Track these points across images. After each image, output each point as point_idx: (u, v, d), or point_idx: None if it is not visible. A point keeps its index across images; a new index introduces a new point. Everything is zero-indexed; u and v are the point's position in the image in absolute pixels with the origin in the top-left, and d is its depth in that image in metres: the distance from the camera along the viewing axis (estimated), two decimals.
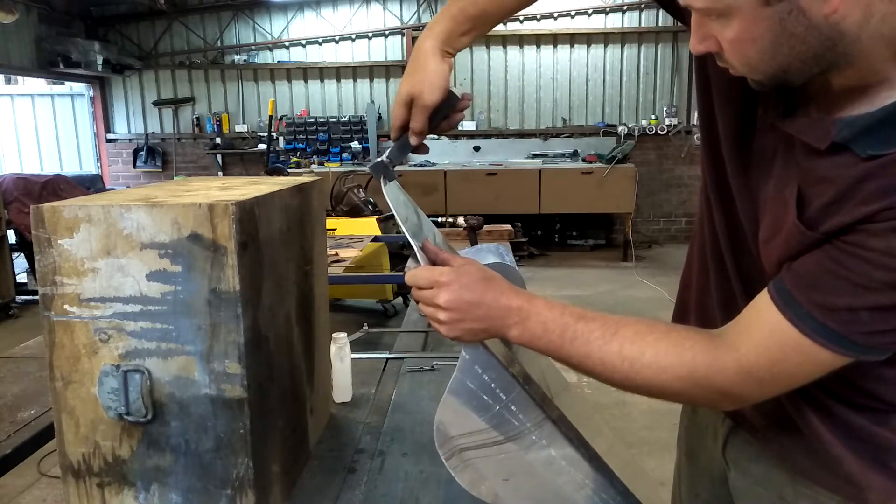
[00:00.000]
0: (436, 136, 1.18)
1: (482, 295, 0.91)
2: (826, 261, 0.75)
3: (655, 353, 0.85)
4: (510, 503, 1.00)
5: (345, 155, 8.27)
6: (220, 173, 8.69)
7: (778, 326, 0.77)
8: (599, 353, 0.87)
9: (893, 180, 0.70)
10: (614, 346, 0.86)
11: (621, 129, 8.26)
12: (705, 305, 1.04)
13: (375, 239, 3.25)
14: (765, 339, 0.79)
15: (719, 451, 1.09)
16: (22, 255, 6.18)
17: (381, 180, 1.06)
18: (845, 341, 0.74)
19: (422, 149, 1.11)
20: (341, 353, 1.57)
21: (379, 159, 1.06)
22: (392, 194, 1.05)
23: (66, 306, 0.96)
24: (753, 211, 0.87)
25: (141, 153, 8.78)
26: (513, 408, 0.99)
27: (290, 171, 7.25)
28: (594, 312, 0.91)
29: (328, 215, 4.06)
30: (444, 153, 8.11)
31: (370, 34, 8.46)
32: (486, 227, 4.92)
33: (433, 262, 0.98)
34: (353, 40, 8.50)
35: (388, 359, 1.91)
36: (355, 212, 4.20)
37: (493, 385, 0.97)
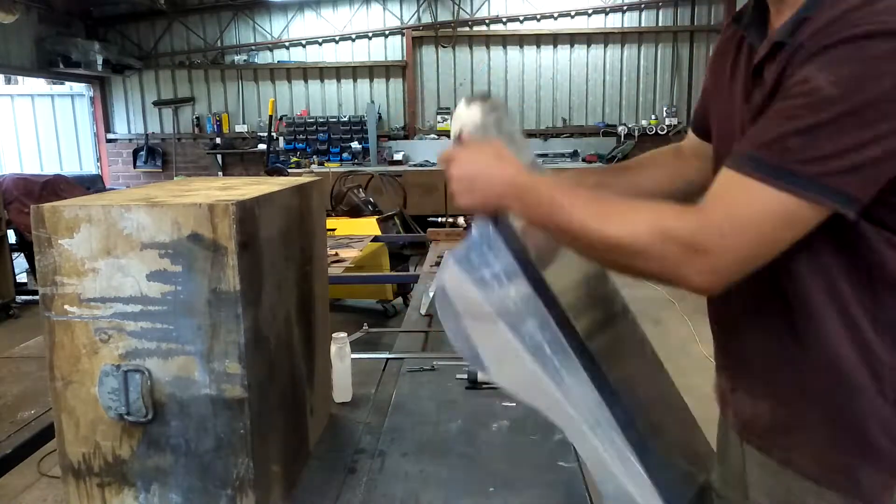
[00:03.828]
0: None
1: (487, 167, 0.94)
2: (763, 116, 0.81)
3: (631, 206, 0.88)
4: (495, 377, 1.00)
5: (345, 155, 8.28)
6: (221, 173, 8.69)
7: (727, 177, 0.82)
8: (579, 215, 0.87)
9: (824, 20, 0.77)
10: (593, 209, 0.88)
11: (621, 129, 8.27)
12: None
13: (375, 239, 3.25)
14: (717, 190, 0.83)
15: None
16: (22, 255, 6.18)
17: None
18: (783, 172, 0.77)
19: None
20: (341, 353, 1.57)
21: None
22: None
23: (66, 306, 0.96)
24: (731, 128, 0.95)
25: (141, 153, 8.78)
26: (514, 296, 0.94)
27: (290, 171, 7.26)
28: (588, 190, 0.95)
29: (328, 215, 4.06)
30: None
31: (370, 34, 8.47)
32: None
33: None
34: (353, 40, 8.50)
35: (388, 359, 1.91)
36: (355, 212, 4.20)
37: (496, 265, 0.94)
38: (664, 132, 8.23)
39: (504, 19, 8.25)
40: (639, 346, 1.18)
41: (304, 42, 8.51)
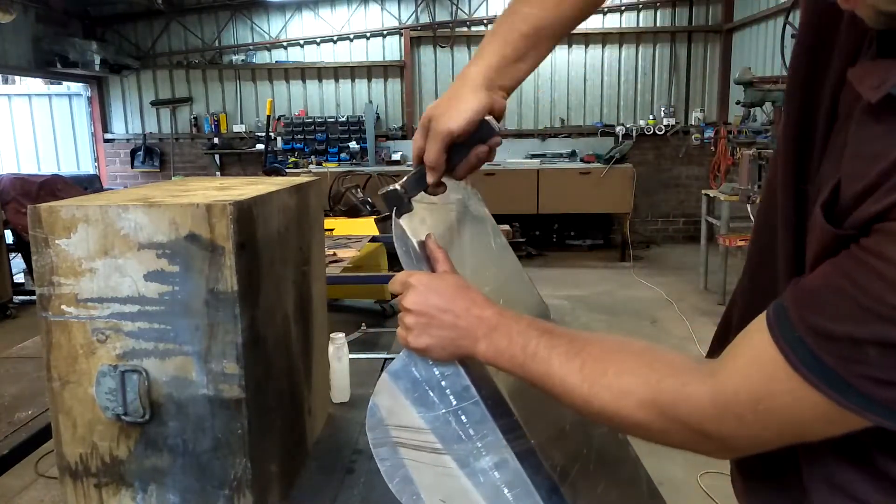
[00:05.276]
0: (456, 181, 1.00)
1: (452, 302, 0.82)
2: (836, 270, 0.56)
3: (618, 373, 0.72)
4: None
5: (343, 155, 8.27)
6: (218, 173, 8.69)
7: (765, 352, 0.60)
8: (560, 371, 0.75)
9: None
10: (575, 364, 0.74)
11: (619, 130, 8.28)
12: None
13: (373, 239, 3.24)
14: (747, 365, 0.63)
15: None
16: (19, 255, 6.18)
17: (393, 214, 0.92)
18: (844, 386, 0.55)
19: (438, 188, 0.95)
20: (339, 354, 1.57)
21: (393, 187, 0.94)
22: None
23: (63, 306, 0.96)
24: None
25: (138, 153, 8.77)
26: (463, 418, 0.86)
27: (288, 171, 7.25)
28: (564, 328, 0.81)
29: (326, 215, 4.06)
30: None
31: (368, 34, 8.46)
32: None
33: (429, 262, 0.92)
34: (351, 40, 8.50)
35: (385, 359, 1.90)
36: (353, 212, 4.19)
37: (443, 383, 0.86)
38: (662, 132, 8.24)
39: None
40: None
41: (301, 42, 8.51)
